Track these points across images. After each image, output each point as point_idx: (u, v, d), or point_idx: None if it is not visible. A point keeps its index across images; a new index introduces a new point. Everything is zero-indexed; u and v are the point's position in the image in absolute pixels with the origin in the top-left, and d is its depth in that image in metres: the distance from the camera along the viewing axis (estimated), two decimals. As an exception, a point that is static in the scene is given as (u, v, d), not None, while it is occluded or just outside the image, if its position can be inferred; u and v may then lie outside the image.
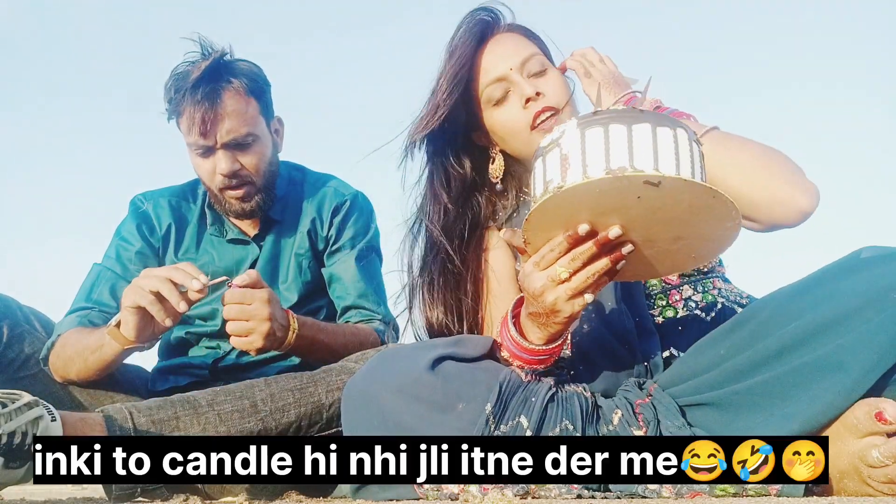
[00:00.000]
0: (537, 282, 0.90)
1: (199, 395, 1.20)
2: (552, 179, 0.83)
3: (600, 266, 0.88)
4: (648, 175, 0.78)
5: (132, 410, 1.13)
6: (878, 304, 0.86)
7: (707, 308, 1.17)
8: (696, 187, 0.80)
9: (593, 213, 0.84)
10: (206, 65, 1.45)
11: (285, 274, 1.61)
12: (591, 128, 0.82)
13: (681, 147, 0.81)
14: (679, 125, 0.83)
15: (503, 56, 1.21)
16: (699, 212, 0.83)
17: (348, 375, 1.22)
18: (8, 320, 1.50)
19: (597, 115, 0.83)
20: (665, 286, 1.18)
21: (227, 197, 1.53)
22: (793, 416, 0.88)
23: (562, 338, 0.99)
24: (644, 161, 0.79)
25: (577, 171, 0.81)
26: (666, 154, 0.80)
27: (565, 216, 0.85)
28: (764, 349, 0.92)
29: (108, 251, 1.61)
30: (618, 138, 0.80)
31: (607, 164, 0.79)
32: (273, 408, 1.20)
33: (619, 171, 0.79)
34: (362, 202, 1.67)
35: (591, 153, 0.81)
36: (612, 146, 0.80)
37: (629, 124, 0.81)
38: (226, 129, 1.45)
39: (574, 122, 0.84)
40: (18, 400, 0.96)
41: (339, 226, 1.62)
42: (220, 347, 1.61)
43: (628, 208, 0.83)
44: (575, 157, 0.82)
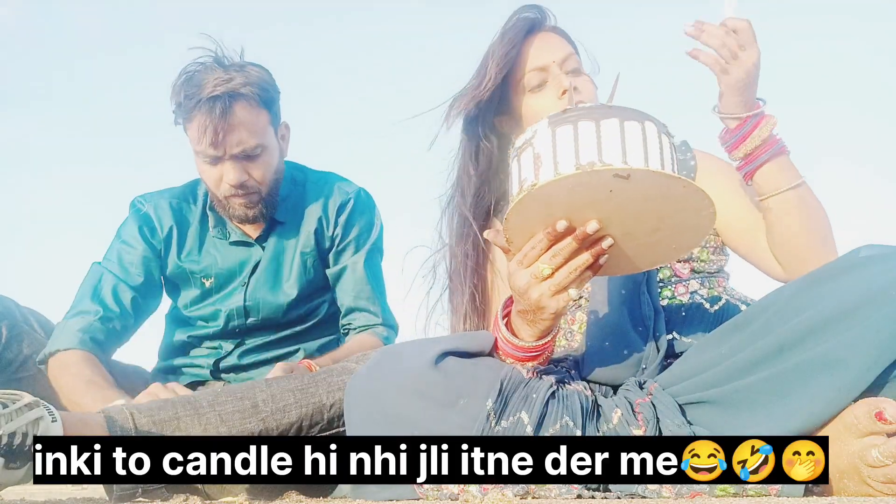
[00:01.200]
0: (521, 279, 0.92)
1: (201, 396, 1.20)
2: (526, 178, 0.86)
3: (582, 261, 0.90)
4: (617, 168, 0.80)
5: (133, 411, 1.13)
6: (878, 301, 0.86)
7: (711, 300, 1.19)
8: (665, 178, 0.82)
9: (570, 209, 0.86)
10: (220, 75, 1.44)
11: (288, 272, 1.60)
12: (561, 126, 0.84)
13: (649, 140, 0.83)
14: (648, 118, 0.85)
15: (547, 48, 1.27)
16: (672, 202, 0.85)
17: (349, 376, 1.22)
18: (7, 321, 1.50)
19: (566, 112, 0.86)
20: (674, 278, 1.20)
21: (232, 203, 1.52)
22: (793, 414, 0.88)
23: (551, 334, 1.00)
24: (613, 155, 0.81)
25: (548, 169, 0.83)
26: (634, 147, 0.82)
27: (543, 214, 0.87)
28: (764, 346, 0.92)
29: (109, 253, 1.61)
30: (587, 134, 0.83)
31: (577, 159, 0.82)
32: (274, 408, 1.20)
33: (588, 166, 0.81)
34: (365, 199, 1.67)
35: (561, 150, 0.83)
36: (582, 142, 0.83)
37: (597, 120, 0.83)
38: (236, 140, 1.45)
39: (545, 122, 0.86)
40: (19, 400, 0.96)
41: (344, 225, 1.62)
42: (222, 347, 1.62)
43: (602, 202, 0.85)
44: (546, 156, 0.84)
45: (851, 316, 0.87)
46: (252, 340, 1.61)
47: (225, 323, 1.59)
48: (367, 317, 1.58)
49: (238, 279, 1.60)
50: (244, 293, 1.59)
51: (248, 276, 1.60)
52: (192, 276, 1.61)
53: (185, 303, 1.63)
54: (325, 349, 1.62)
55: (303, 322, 1.63)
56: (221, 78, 1.44)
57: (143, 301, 1.59)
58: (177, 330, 1.65)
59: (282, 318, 1.61)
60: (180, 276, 1.61)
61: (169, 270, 1.61)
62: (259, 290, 1.59)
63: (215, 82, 1.43)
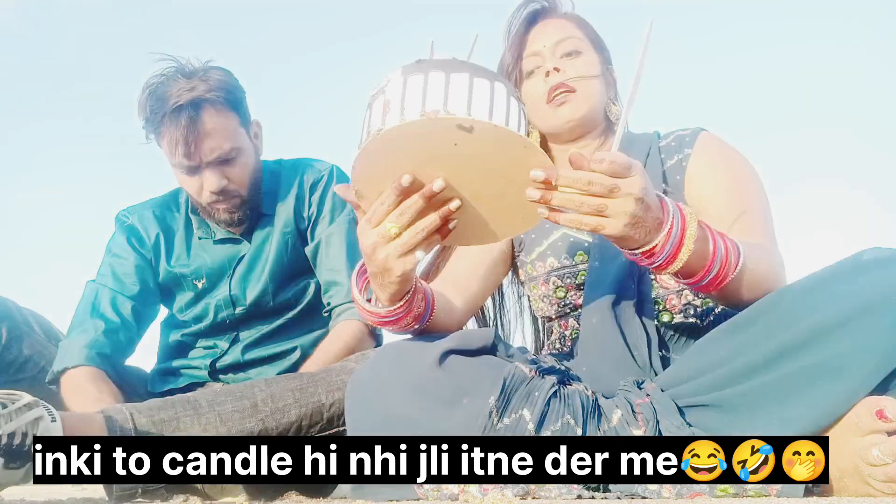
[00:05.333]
0: (368, 239, 0.91)
1: (200, 396, 1.20)
2: (374, 124, 0.85)
3: (429, 222, 0.89)
4: (460, 119, 0.81)
5: (133, 411, 1.13)
6: (880, 308, 0.86)
7: (704, 313, 1.18)
8: (507, 135, 0.82)
9: (415, 161, 0.86)
10: (183, 84, 1.43)
11: (271, 255, 1.60)
12: (413, 75, 0.84)
13: (497, 97, 0.83)
14: (499, 79, 0.85)
15: (542, 35, 1.27)
16: (515, 164, 0.85)
17: (348, 375, 1.22)
18: (6, 322, 1.50)
19: (420, 63, 0.85)
20: (665, 291, 1.18)
21: (216, 210, 1.53)
22: (792, 421, 0.88)
23: (404, 299, 0.99)
24: (458, 106, 0.81)
25: (395, 115, 0.83)
26: (481, 102, 0.82)
27: (389, 165, 0.87)
28: (765, 352, 0.91)
29: (102, 269, 1.61)
30: (435, 84, 0.83)
31: (423, 107, 0.81)
32: (273, 408, 1.20)
33: (432, 113, 0.81)
34: (339, 175, 1.66)
35: (409, 98, 0.83)
36: (429, 92, 0.82)
37: (448, 72, 0.83)
38: (209, 147, 1.44)
39: (399, 70, 0.86)
40: (18, 400, 0.96)
41: (318, 201, 1.61)
42: (217, 347, 1.62)
43: (447, 157, 0.85)
44: (395, 103, 0.83)
45: (853, 323, 0.86)
46: (246, 334, 1.60)
47: (214, 315, 1.59)
48: (342, 292, 1.55)
49: (227, 274, 1.61)
50: (230, 283, 1.59)
51: (234, 267, 1.60)
52: (185, 279, 1.61)
53: (179, 306, 1.63)
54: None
55: (293, 307, 1.62)
56: (184, 87, 1.43)
57: (143, 309, 1.60)
58: (171, 331, 1.65)
59: (271, 303, 1.59)
60: (173, 280, 1.62)
61: (161, 277, 1.62)
62: (243, 277, 1.59)
63: (178, 92, 1.42)
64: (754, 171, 1.21)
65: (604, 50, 1.32)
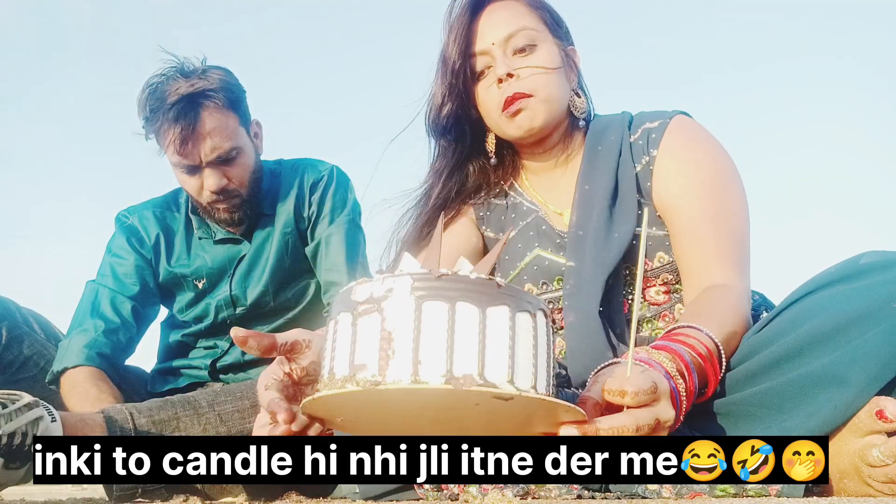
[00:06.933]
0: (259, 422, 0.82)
1: (200, 396, 1.20)
2: (364, 364, 0.59)
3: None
4: (501, 392, 0.59)
5: (133, 411, 1.14)
6: (879, 314, 0.84)
7: None
8: (551, 404, 0.63)
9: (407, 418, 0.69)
10: (182, 84, 1.44)
11: (271, 255, 1.60)
12: (432, 300, 0.59)
13: (539, 341, 0.63)
14: (540, 306, 0.64)
15: (489, 28, 1.15)
16: (535, 414, 0.68)
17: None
18: (7, 322, 1.50)
19: (441, 280, 0.59)
20: (657, 309, 1.15)
21: (216, 209, 1.53)
22: (791, 430, 0.87)
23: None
24: (497, 371, 0.59)
25: (404, 367, 0.58)
26: (524, 358, 0.61)
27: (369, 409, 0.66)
28: (762, 359, 0.91)
29: (102, 269, 1.62)
30: (467, 328, 0.59)
31: (449, 367, 0.57)
32: (273, 408, 1.20)
33: (464, 381, 0.57)
34: (339, 175, 1.67)
35: (427, 342, 0.58)
36: (459, 339, 0.58)
37: (484, 307, 0.59)
38: (209, 147, 1.45)
39: (408, 283, 0.59)
40: (19, 401, 0.96)
41: (318, 201, 1.62)
42: (218, 347, 1.62)
43: (450, 412, 0.66)
44: (403, 342, 0.58)
45: (851, 330, 0.84)
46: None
47: (215, 315, 1.59)
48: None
49: (227, 274, 1.61)
50: (230, 283, 1.59)
51: (235, 268, 1.60)
52: (185, 279, 1.62)
53: (180, 307, 1.64)
54: None
55: (293, 307, 1.63)
56: (184, 87, 1.44)
57: (143, 310, 1.61)
58: (172, 332, 1.65)
59: (272, 303, 1.60)
60: (173, 281, 1.62)
61: (161, 277, 1.63)
62: (244, 277, 1.60)
63: (178, 92, 1.43)
64: (728, 163, 1.12)
65: (561, 31, 1.20)
